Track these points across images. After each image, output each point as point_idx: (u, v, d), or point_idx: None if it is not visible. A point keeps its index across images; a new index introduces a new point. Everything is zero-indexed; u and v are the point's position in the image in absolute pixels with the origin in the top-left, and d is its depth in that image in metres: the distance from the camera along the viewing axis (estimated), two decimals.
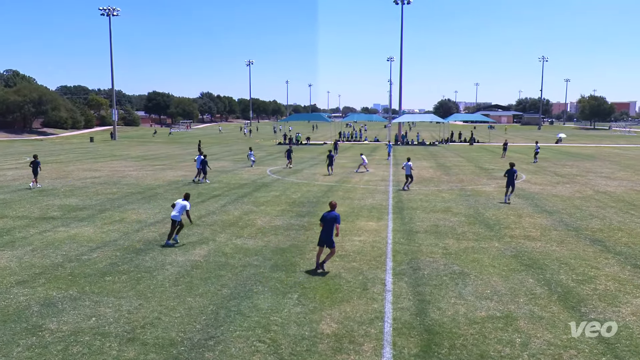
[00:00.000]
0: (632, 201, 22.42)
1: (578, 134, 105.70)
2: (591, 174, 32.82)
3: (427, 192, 24.65)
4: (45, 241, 15.13)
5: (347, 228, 16.88)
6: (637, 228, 17.11)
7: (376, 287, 11.24)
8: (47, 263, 12.95)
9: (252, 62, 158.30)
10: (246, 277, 11.88)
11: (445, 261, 13.17)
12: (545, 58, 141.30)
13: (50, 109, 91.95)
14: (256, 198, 22.84)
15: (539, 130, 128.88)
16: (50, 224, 17.51)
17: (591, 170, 35.58)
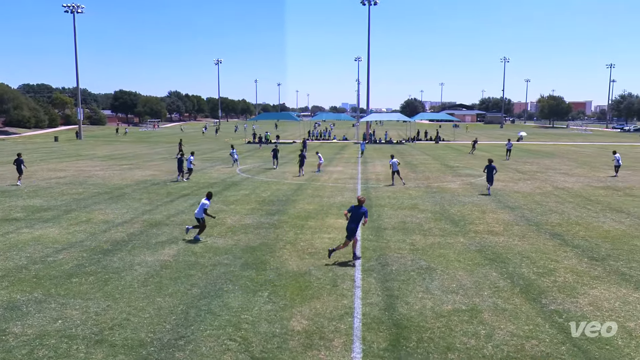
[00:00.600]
0: (588, 196, 23.21)
1: (538, 132, 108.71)
2: (550, 171, 33.81)
3: (394, 190, 24.92)
4: (8, 243, 14.61)
5: (317, 226, 16.91)
6: (593, 222, 17.73)
7: (346, 283, 11.30)
8: (10, 265, 12.52)
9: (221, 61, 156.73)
10: (216, 276, 11.77)
11: (412, 257, 13.35)
12: (506, 59, 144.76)
13: (12, 108, 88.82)
14: (226, 197, 22.64)
15: (501, 128, 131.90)
16: (14, 225, 16.93)
17: (550, 167, 36.65)
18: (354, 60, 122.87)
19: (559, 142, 71.65)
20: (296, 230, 16.23)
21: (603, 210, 19.83)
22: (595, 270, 12.37)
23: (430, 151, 52.27)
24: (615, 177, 30.51)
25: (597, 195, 23.48)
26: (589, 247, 14.51)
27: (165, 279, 11.55)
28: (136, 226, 16.82)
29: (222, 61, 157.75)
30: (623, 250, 14.14)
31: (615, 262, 12.97)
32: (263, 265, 12.56)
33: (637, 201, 21.98)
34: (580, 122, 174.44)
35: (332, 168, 35.02)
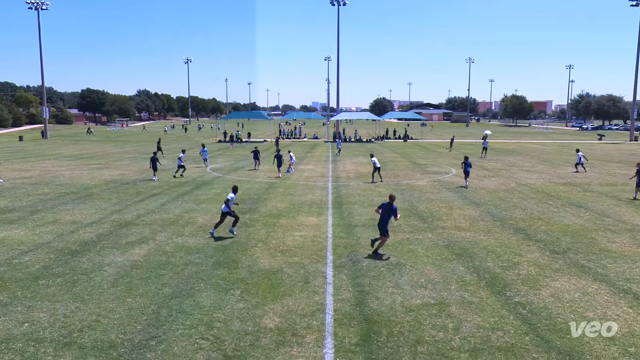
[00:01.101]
0: (549, 192, 23.89)
1: (502, 130, 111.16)
2: (514, 168, 34.64)
3: (364, 187, 25.09)
4: None
5: (288, 224, 16.89)
6: (554, 217, 18.26)
7: (317, 280, 11.33)
8: None
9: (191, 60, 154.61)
10: (188, 275, 11.62)
11: (382, 253, 13.46)
12: (471, 59, 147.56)
13: None
14: (197, 196, 22.36)
15: (467, 127, 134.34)
16: None
17: (514, 164, 37.55)
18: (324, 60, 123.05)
19: (521, 140, 73.46)
20: (268, 229, 16.16)
21: (563, 206, 20.45)
22: (556, 263, 12.75)
23: (399, 149, 52.83)
24: (576, 172, 31.62)
25: (557, 191, 24.19)
26: (551, 241, 14.94)
27: (136, 279, 11.34)
28: (105, 226, 16.45)
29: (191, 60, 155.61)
30: (582, 243, 14.62)
31: (574, 255, 13.40)
32: (235, 264, 12.47)
33: (595, 196, 22.75)
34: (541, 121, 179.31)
35: (303, 166, 35.00)
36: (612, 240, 14.97)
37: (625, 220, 17.66)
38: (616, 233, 15.86)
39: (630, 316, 9.45)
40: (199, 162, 37.24)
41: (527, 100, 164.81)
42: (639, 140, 73.15)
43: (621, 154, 48.47)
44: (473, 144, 61.10)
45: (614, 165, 36.84)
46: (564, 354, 8.06)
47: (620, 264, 12.62)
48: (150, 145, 58.67)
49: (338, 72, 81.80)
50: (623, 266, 12.47)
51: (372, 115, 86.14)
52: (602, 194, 23.41)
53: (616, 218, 18.09)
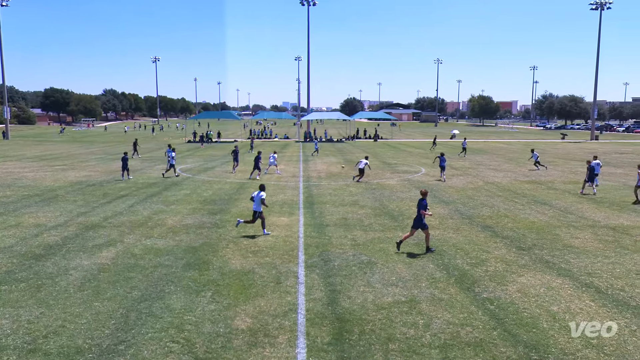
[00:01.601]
0: (515, 190, 24.49)
1: (469, 130, 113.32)
2: (481, 167, 35.36)
3: (335, 187, 25.18)
4: None
5: (260, 224, 16.77)
6: (520, 214, 18.72)
7: (289, 280, 11.31)
8: None
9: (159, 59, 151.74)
10: (157, 277, 11.42)
11: (354, 252, 13.55)
12: (439, 60, 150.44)
13: None
14: (166, 197, 22.01)
15: (435, 127, 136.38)
16: None
17: (481, 163, 38.33)
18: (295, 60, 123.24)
19: (488, 140, 75.03)
20: (239, 229, 16.04)
21: (529, 203, 20.99)
22: (522, 259, 13.08)
23: (369, 149, 53.20)
24: (537, 170, 32.52)
25: (523, 189, 24.81)
26: (517, 237, 15.31)
27: (103, 282, 11.08)
28: (71, 229, 16.01)
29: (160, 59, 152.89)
30: (546, 240, 15.03)
31: (540, 251, 13.77)
32: (206, 265, 12.33)
33: (558, 194, 23.43)
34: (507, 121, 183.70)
35: (274, 166, 34.87)
36: (575, 236, 15.45)
37: (587, 217, 18.25)
38: (579, 229, 16.38)
39: (593, 309, 9.77)
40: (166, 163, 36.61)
41: (494, 100, 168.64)
42: (599, 139, 75.71)
43: (583, 152, 50.06)
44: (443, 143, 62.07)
45: (576, 164, 38.01)
46: (530, 347, 8.27)
47: (582, 259, 13.03)
48: (118, 145, 57.44)
49: (308, 72, 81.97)
50: (585, 261, 12.88)
51: (343, 115, 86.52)
52: (565, 192, 24.12)
53: (578, 215, 18.68)
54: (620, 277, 11.63)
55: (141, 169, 32.55)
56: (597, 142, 70.68)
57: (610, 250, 13.94)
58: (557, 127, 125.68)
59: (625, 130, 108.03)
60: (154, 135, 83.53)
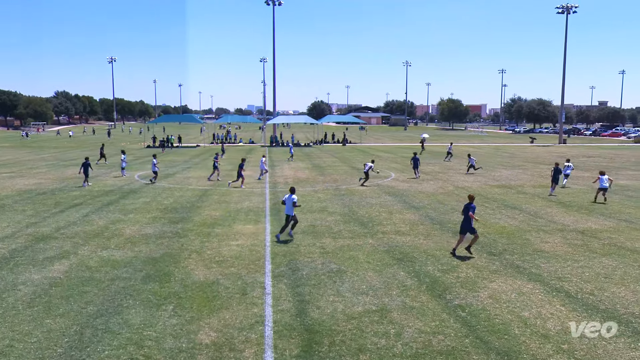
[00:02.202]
0: (486, 195, 25.04)
1: (439, 134, 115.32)
2: (451, 171, 36.02)
3: (303, 193, 25.17)
4: None
5: (224, 233, 16.63)
6: (490, 219, 19.15)
7: (256, 291, 11.22)
8: None
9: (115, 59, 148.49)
10: (115, 291, 11.14)
11: (323, 260, 13.56)
12: (408, 63, 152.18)
13: None
14: (124, 205, 21.53)
15: (405, 130, 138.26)
16: None
17: (451, 167, 39.05)
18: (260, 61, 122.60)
19: (458, 144, 76.43)
20: (202, 239, 15.84)
21: (499, 208, 21.50)
22: (493, 264, 13.37)
23: (337, 153, 53.46)
24: (469, 174, 33.99)
25: (493, 194, 25.40)
26: (488, 242, 15.65)
27: (56, 298, 10.73)
28: (19, 241, 15.46)
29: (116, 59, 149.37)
30: (517, 244, 15.42)
31: (510, 256, 14.11)
32: (167, 277, 12.11)
33: (528, 198, 24.10)
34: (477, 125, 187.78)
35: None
36: (545, 240, 15.90)
37: (556, 221, 18.82)
38: (548, 233, 16.87)
39: (563, 314, 10.07)
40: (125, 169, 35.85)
41: (463, 103, 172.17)
42: (567, 142, 78.33)
43: (551, 156, 51.66)
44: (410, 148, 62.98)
45: (545, 168, 39.18)
46: (502, 354, 8.45)
47: (552, 264, 13.42)
48: (71, 151, 55.88)
49: (274, 74, 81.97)
50: (555, 265, 13.28)
51: (310, 119, 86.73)
52: (535, 196, 24.83)
53: (548, 219, 19.24)
54: (590, 281, 12.04)
55: (97, 176, 31.74)
56: (565, 145, 73.11)
57: (580, 254, 14.41)
58: (525, 130, 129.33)
59: (592, 133, 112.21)
60: (111, 140, 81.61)
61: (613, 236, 16.55)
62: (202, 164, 41.48)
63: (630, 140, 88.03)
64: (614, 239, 16.14)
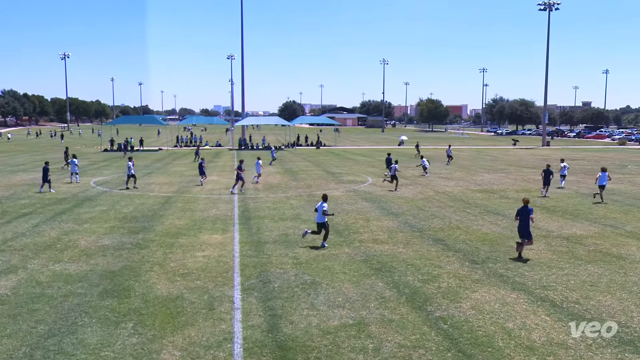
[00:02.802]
0: (467, 200, 25.42)
1: (418, 136, 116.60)
2: (431, 175, 36.47)
3: (274, 200, 25.11)
4: None
5: (189, 243, 16.46)
6: (472, 225, 19.44)
7: (224, 305, 11.13)
8: None
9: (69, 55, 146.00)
10: (68, 308, 10.90)
11: (296, 271, 13.54)
12: (385, 61, 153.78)
13: None
14: (78, 214, 21.11)
15: (382, 132, 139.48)
16: None
17: (431, 171, 39.50)
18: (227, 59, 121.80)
19: (438, 146, 77.53)
20: (165, 250, 15.64)
21: (481, 214, 21.85)
22: (476, 273, 13.56)
23: (311, 157, 53.55)
24: (424, 176, 35.25)
25: (475, 199, 25.80)
26: (470, 250, 15.87)
27: (2, 317, 10.43)
28: None
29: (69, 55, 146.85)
30: (500, 252, 15.69)
31: (493, 265, 14.34)
32: (126, 292, 11.91)
33: (511, 203, 24.55)
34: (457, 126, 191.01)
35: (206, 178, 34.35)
36: (529, 247, 16.21)
37: (540, 227, 19.22)
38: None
39: (548, 324, 10.27)
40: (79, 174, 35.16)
41: (443, 104, 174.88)
42: (551, 145, 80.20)
43: (535, 159, 52.84)
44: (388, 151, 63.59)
45: (528, 171, 40.02)
46: None
47: (537, 272, 13.69)
48: (19, 155, 54.50)
49: (243, 72, 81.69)
50: (540, 273, 13.55)
51: (282, 120, 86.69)
52: (518, 200, 25.22)
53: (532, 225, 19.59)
54: (575, 289, 12.32)
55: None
56: (548, 148, 74.84)
57: (564, 261, 14.74)
58: (508, 132, 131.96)
59: (576, 135, 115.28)
60: (63, 143, 80.00)
61: (598, 242, 16.99)
62: (165, 169, 41.03)
63: (614, 143, 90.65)
64: (600, 245, 16.57)
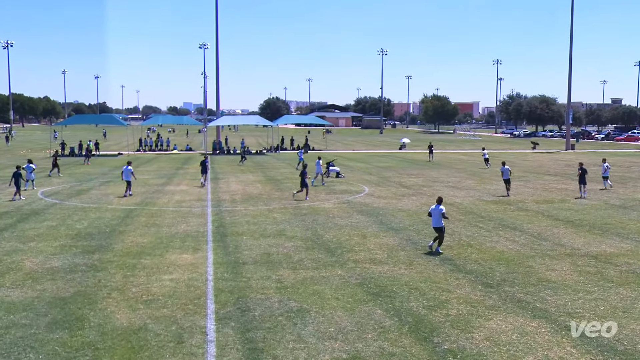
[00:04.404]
0: (479, 212, 25.54)
1: (422, 138, 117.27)
2: (438, 184, 36.61)
3: (255, 213, 25.06)
4: None
5: (154, 264, 16.38)
6: (486, 242, 19.52)
7: (195, 338, 11.07)
8: None
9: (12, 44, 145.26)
10: (10, 342, 10.79)
11: (280, 297, 13.50)
12: (384, 51, 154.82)
13: None
14: (23, 231, 20.93)
15: (381, 134, 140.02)
16: None
17: (437, 179, 39.70)
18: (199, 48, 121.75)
19: (446, 150, 77.94)
20: (125, 272, 15.54)
21: (496, 228, 21.95)
22: (490, 298, 13.60)
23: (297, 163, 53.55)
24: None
25: (489, 211, 25.93)
26: (483, 272, 15.92)
27: None
28: None
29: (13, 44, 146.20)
30: (518, 273, 15.76)
31: (510, 288, 14.39)
32: (79, 323, 11.81)
33: (530, 216, 24.70)
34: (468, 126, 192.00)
35: (174, 187, 34.29)
36: (551, 267, 16.30)
37: (564, 244, 19.34)
38: (555, 259, 17.31)
39: (574, 357, 10.30)
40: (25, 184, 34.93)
41: (451, 101, 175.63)
42: (575, 148, 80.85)
43: (557, 165, 53.23)
44: (387, 155, 63.76)
45: (550, 179, 40.33)
46: None
47: (561, 296, 13.76)
48: None
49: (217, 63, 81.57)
50: (564, 298, 13.61)
51: (263, 120, 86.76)
52: (538, 213, 25.48)
53: (554, 241, 19.76)
54: (605, 317, 12.38)
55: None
56: (573, 152, 75.44)
57: (593, 283, 14.83)
58: (526, 134, 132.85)
59: (604, 137, 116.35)
60: (9, 146, 79.48)
61: (631, 261, 17.12)
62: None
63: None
64: (633, 265, 16.70)
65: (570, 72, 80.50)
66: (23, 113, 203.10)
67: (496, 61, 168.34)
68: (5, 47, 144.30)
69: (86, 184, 35.86)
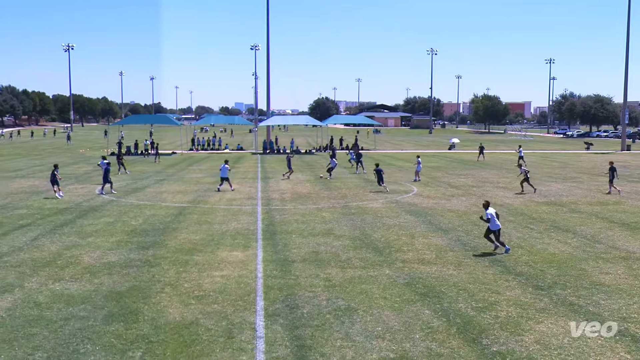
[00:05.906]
0: (531, 214, 24.99)
1: (472, 138, 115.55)
2: (488, 185, 36.00)
3: (304, 212, 25.18)
4: None
5: (206, 261, 16.63)
6: (537, 244, 19.09)
7: (244, 334, 11.19)
8: None
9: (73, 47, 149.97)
10: (69, 333, 11.14)
11: (328, 295, 13.52)
12: (434, 50, 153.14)
13: None
14: (82, 227, 21.59)
15: (430, 134, 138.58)
16: None
17: (487, 180, 39.02)
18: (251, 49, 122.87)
19: (496, 150, 76.58)
20: (178, 268, 15.84)
21: (547, 230, 21.44)
22: (541, 301, 13.30)
23: (346, 163, 53.52)
24: (416, 181, 33.66)
25: (540, 212, 25.35)
26: (534, 274, 15.58)
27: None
28: None
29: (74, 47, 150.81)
30: (570, 276, 15.35)
31: (562, 291, 14.04)
32: (134, 316, 12.10)
33: (584, 218, 24.02)
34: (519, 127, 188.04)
35: (225, 186, 34.73)
36: (605, 271, 15.82)
37: (618, 247, 18.74)
38: (609, 262, 16.79)
39: None
40: (83, 181, 36.04)
41: (502, 101, 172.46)
42: (632, 149, 78.20)
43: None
44: (436, 155, 63.11)
45: (604, 180, 39.07)
46: None
47: (615, 300, 13.34)
48: (18, 160, 56.15)
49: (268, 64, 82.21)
50: (619, 302, 13.19)
51: (313, 120, 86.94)
52: (592, 215, 24.75)
53: (609, 244, 19.17)
54: None
55: (48, 190, 31.83)
56: (629, 152, 73.02)
57: None
58: (580, 134, 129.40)
59: None
60: (70, 145, 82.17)
61: None
62: (178, 175, 41.66)
63: None
64: None
65: (626, 70, 77.88)
66: (82, 113, 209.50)
67: (549, 60, 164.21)
68: (66, 49, 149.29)
69: (141, 182, 36.71)
